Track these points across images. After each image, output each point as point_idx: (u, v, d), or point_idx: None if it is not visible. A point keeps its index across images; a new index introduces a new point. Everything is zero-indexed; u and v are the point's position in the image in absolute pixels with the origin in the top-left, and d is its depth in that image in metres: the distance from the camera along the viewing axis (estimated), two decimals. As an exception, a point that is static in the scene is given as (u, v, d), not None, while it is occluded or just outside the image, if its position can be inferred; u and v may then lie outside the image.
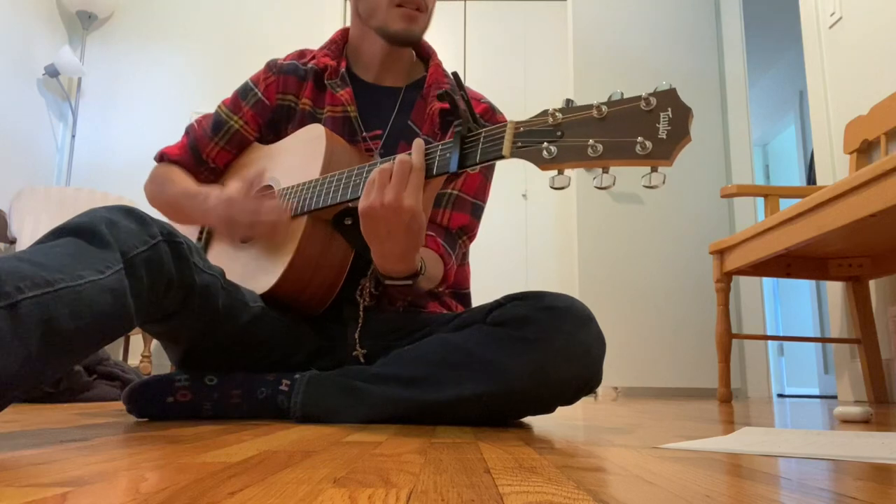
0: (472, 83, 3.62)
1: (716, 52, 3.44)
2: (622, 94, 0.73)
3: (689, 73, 3.41)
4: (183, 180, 1.17)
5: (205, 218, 1.07)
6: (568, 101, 0.76)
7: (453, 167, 0.83)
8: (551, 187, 0.76)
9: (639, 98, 0.71)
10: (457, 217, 1.15)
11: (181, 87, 3.63)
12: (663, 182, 0.70)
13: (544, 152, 0.74)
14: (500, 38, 3.81)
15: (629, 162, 0.70)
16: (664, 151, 0.68)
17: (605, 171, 0.74)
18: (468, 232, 1.17)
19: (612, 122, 0.72)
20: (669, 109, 0.69)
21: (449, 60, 3.67)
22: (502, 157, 0.78)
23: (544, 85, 3.74)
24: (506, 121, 1.21)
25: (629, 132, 0.70)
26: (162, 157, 1.22)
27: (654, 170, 0.70)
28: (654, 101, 0.70)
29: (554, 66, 3.75)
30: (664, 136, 0.68)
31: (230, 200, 1.00)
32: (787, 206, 1.90)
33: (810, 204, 1.75)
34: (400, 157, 0.85)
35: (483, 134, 0.82)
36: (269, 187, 1.14)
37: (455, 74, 0.87)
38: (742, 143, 3.33)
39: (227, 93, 1.25)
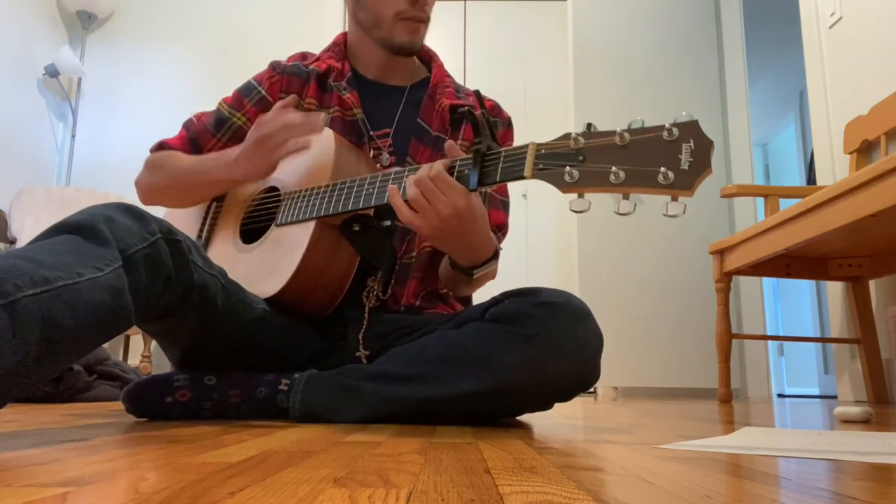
0: (472, 83, 3.62)
1: (716, 52, 3.44)
2: (643, 121, 0.74)
3: (689, 73, 3.41)
4: (191, 157, 1.15)
5: (232, 167, 1.06)
6: (589, 125, 0.78)
7: (472, 185, 0.86)
8: (571, 210, 0.77)
9: (661, 128, 0.72)
10: (495, 215, 1.18)
11: (181, 87, 3.63)
12: (683, 212, 0.71)
13: (566, 176, 0.76)
14: (500, 39, 3.81)
15: (651, 190, 0.71)
16: (686, 182, 0.69)
17: (626, 197, 0.75)
18: (503, 229, 1.20)
19: (634, 150, 0.73)
20: (692, 141, 0.70)
21: (449, 61, 3.66)
22: (523, 178, 0.80)
23: (544, 85, 3.74)
24: (510, 117, 1.23)
25: (652, 161, 0.71)
26: (161, 147, 1.20)
27: (674, 199, 0.71)
28: (676, 131, 0.71)
29: (554, 67, 3.75)
30: (686, 168, 0.70)
31: (261, 120, 1.01)
32: (787, 206, 1.90)
33: (810, 204, 1.75)
34: (419, 178, 0.88)
35: (504, 153, 0.84)
36: (275, 189, 1.14)
37: (477, 92, 0.91)
38: (742, 143, 3.33)
39: (227, 93, 1.25)
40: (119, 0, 3.69)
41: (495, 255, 1.00)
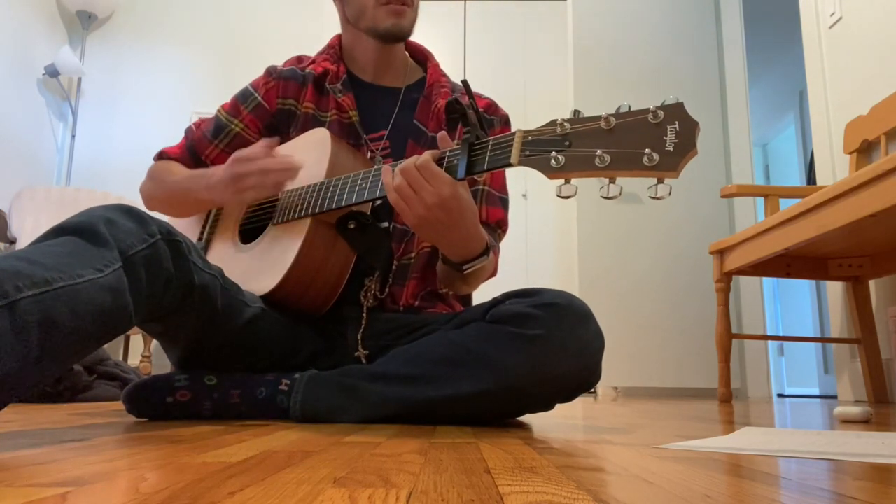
0: (472, 83, 3.62)
1: (716, 52, 3.44)
2: (629, 106, 0.74)
3: (689, 73, 3.41)
4: (183, 169, 1.18)
5: (210, 190, 1.07)
6: (575, 111, 0.78)
7: (461, 174, 0.85)
8: (558, 196, 0.77)
9: (646, 111, 0.72)
10: (493, 212, 1.18)
11: (181, 87, 3.63)
12: (669, 193, 0.71)
13: (552, 161, 0.76)
14: (500, 38, 3.81)
15: (636, 173, 0.71)
16: (671, 163, 0.69)
17: (612, 181, 0.75)
18: (503, 225, 1.20)
19: (619, 134, 0.73)
20: (677, 123, 0.71)
21: (449, 60, 3.67)
22: (510, 165, 0.80)
23: (544, 85, 3.74)
24: (507, 114, 1.23)
25: (637, 144, 0.72)
26: (161, 156, 1.23)
27: (660, 181, 0.71)
28: (661, 114, 0.71)
29: (554, 67, 3.75)
30: (671, 149, 0.70)
31: (239, 156, 1.01)
32: (787, 206, 1.90)
33: (810, 204, 1.75)
34: (405, 167, 0.87)
35: (491, 142, 0.84)
36: None
37: (465, 82, 0.90)
38: (742, 143, 3.33)
39: (227, 92, 1.25)
40: (119, 0, 3.69)
41: (486, 252, 0.99)
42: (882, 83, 2.13)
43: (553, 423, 1.03)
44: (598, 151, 0.73)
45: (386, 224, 1.11)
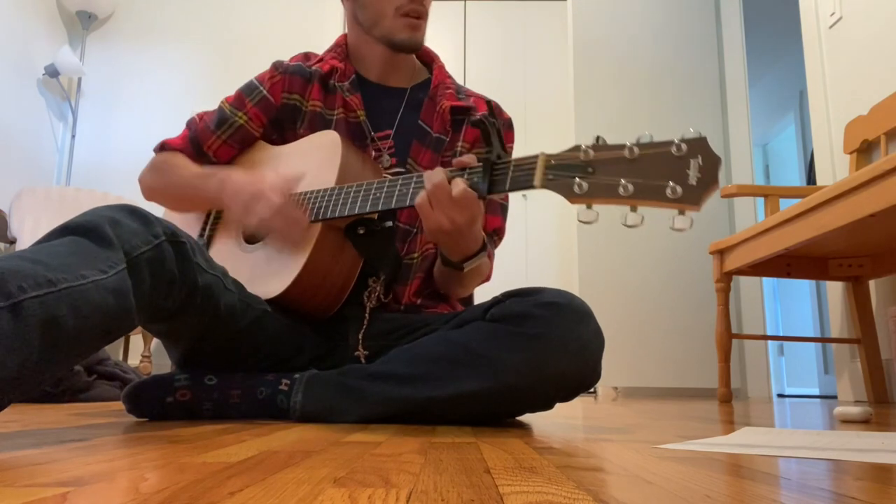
0: (472, 83, 3.62)
1: (716, 53, 3.44)
2: (651, 136, 0.76)
3: (689, 74, 3.41)
4: (191, 165, 1.17)
5: (218, 199, 1.06)
6: (598, 137, 0.80)
7: (483, 193, 0.88)
8: (579, 220, 0.79)
9: (670, 143, 0.74)
10: (491, 220, 1.19)
11: (181, 87, 3.63)
12: (690, 226, 0.72)
13: (576, 187, 0.77)
14: (500, 38, 3.81)
15: (659, 204, 0.73)
16: (693, 197, 0.71)
17: (633, 209, 0.76)
18: (500, 233, 1.21)
19: (643, 164, 0.75)
20: (700, 157, 0.72)
21: (449, 60, 3.67)
22: (533, 187, 0.82)
23: (544, 85, 3.74)
24: (510, 118, 1.25)
25: (660, 175, 0.73)
26: (163, 147, 1.21)
27: (681, 213, 0.72)
28: (685, 147, 0.73)
29: (554, 66, 3.75)
30: (694, 183, 0.71)
31: (260, 193, 1.00)
32: (787, 206, 1.90)
33: (810, 204, 1.75)
34: (437, 188, 0.89)
35: (513, 163, 0.86)
36: None
37: (489, 104, 0.93)
38: (742, 143, 3.33)
39: (227, 93, 1.25)
40: (119, 0, 3.69)
41: (483, 247, 1.01)
42: (882, 83, 2.13)
43: (553, 423, 1.03)
44: (622, 181, 0.75)
45: (390, 223, 1.11)
